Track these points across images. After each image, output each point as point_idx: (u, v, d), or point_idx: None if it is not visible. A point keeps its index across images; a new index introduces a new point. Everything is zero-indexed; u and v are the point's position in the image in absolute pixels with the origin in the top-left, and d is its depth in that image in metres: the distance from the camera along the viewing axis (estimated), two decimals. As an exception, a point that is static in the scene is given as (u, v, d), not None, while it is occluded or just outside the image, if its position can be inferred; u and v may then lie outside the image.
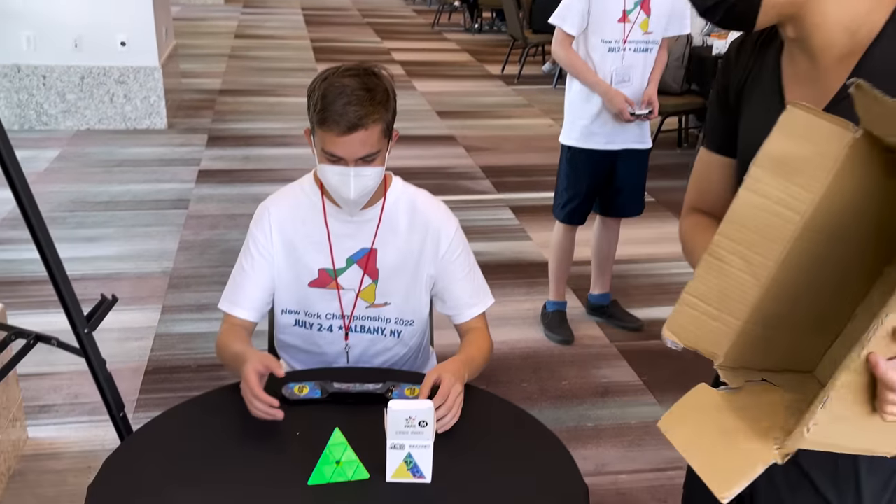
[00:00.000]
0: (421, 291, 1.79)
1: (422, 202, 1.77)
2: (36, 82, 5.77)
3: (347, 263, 1.74)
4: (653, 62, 3.15)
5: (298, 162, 5.49)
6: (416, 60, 9.11)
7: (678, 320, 1.09)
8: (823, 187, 0.98)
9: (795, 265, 1.03)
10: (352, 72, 1.58)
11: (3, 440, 2.41)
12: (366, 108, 1.55)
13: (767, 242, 1.02)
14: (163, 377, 3.01)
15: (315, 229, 1.73)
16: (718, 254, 1.05)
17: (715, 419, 1.03)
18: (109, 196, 4.73)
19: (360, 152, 1.58)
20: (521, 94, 7.78)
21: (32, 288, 3.58)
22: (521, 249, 4.28)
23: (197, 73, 7.92)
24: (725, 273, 1.05)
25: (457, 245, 1.77)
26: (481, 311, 1.81)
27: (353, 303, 1.76)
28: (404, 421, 1.32)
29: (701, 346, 1.09)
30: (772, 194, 1.01)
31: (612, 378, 3.15)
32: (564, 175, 3.31)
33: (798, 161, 0.99)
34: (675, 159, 5.93)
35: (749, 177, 1.02)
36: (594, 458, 2.67)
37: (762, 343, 1.09)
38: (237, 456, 1.38)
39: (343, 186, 1.62)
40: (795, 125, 0.99)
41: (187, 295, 3.62)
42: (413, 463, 1.35)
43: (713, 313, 1.07)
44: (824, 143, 0.98)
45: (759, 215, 1.02)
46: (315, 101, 1.58)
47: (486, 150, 5.96)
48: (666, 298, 3.81)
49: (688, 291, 1.07)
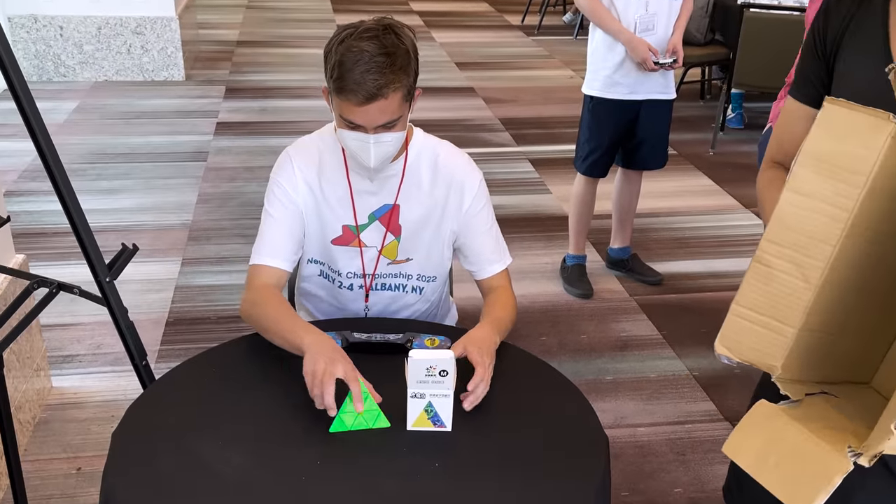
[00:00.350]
0: (443, 246, 1.76)
1: (445, 155, 1.73)
2: (53, 33, 5.74)
3: (370, 219, 1.71)
4: (678, 10, 3.08)
5: (316, 114, 5.46)
6: (435, 10, 8.98)
7: (730, 333, 1.05)
8: (869, 181, 0.95)
9: (846, 265, 0.99)
10: (370, 32, 1.49)
11: (28, 389, 2.44)
12: (385, 76, 1.47)
13: (816, 243, 0.98)
14: (183, 328, 3.04)
15: (338, 184, 1.69)
16: (766, 259, 1.02)
17: (781, 435, 0.99)
18: (128, 148, 4.73)
19: (380, 120, 1.53)
20: (541, 45, 7.67)
21: (53, 239, 3.60)
22: (540, 203, 4.25)
23: (214, 24, 7.86)
24: (775, 279, 1.01)
25: (480, 198, 1.73)
26: (503, 267, 1.77)
27: (375, 261, 1.73)
28: (425, 370, 1.32)
29: (756, 358, 1.05)
30: (816, 193, 0.98)
31: (632, 332, 3.14)
32: (586, 126, 3.27)
33: (840, 157, 0.96)
34: (698, 111, 5.85)
35: (792, 177, 0.99)
36: (613, 411, 2.67)
37: (818, 352, 1.06)
38: (258, 405, 1.39)
39: (362, 153, 1.57)
40: (834, 121, 0.97)
41: (207, 247, 3.63)
42: (434, 412, 1.35)
43: (766, 322, 1.03)
44: (865, 136, 0.95)
45: (805, 216, 0.99)
46: (332, 65, 1.50)
47: (506, 101, 5.89)
48: (686, 252, 3.78)
49: (738, 302, 1.04)
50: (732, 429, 1.04)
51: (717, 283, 3.50)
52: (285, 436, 1.32)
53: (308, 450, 1.29)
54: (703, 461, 2.46)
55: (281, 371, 1.48)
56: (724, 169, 4.80)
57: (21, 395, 2.38)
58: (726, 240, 3.93)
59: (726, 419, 2.63)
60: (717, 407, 2.71)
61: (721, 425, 2.61)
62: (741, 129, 5.53)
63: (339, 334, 1.54)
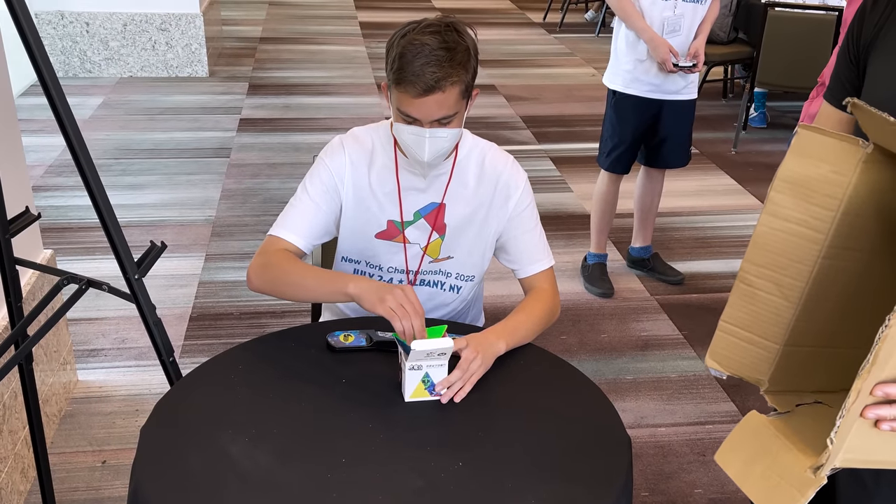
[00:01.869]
0: (485, 246, 1.76)
1: (491, 156, 1.74)
2: (79, 29, 5.80)
3: (415, 217, 1.72)
4: (703, 14, 3.08)
5: (339, 111, 5.49)
6: (457, 7, 8.98)
7: (718, 349, 1.11)
8: (843, 204, 1.00)
9: (827, 282, 1.04)
10: (432, 28, 1.51)
11: (54, 383, 2.48)
12: (444, 69, 1.49)
13: (794, 264, 1.04)
14: (207, 324, 3.07)
15: (387, 179, 1.70)
16: (747, 279, 1.07)
17: (766, 446, 1.02)
18: (153, 144, 4.78)
19: (437, 114, 1.54)
20: (563, 43, 7.65)
21: (79, 234, 3.65)
22: (561, 201, 4.25)
23: (237, 21, 7.91)
24: (757, 298, 1.07)
25: (525, 198, 1.74)
26: (545, 267, 1.77)
27: (418, 258, 1.74)
28: (425, 355, 1.38)
29: (744, 372, 1.11)
30: (792, 216, 1.03)
31: (652, 331, 3.14)
32: (609, 122, 3.28)
33: (814, 181, 1.01)
34: (720, 110, 5.82)
35: (768, 201, 1.04)
36: (633, 411, 2.67)
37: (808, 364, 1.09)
38: (285, 401, 1.41)
39: (417, 147, 1.59)
40: (807, 146, 1.02)
41: (230, 243, 3.66)
42: (430, 382, 1.41)
43: (750, 338, 1.09)
44: (837, 161, 1.00)
45: (782, 238, 1.04)
46: (392, 58, 1.52)
47: (527, 99, 5.89)
48: (707, 252, 3.77)
49: (724, 319, 1.10)
50: (754, 430, 1.07)
51: (738, 284, 3.49)
52: (311, 432, 1.34)
53: (334, 446, 1.30)
54: (723, 462, 2.46)
55: (306, 368, 1.50)
56: (747, 168, 4.78)
57: (48, 389, 2.42)
58: (748, 240, 3.88)
59: (747, 420, 2.63)
60: (737, 408, 2.70)
61: (742, 426, 2.61)
62: (764, 129, 5.50)
63: (363, 333, 1.56)
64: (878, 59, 1.21)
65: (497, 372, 1.51)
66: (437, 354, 1.39)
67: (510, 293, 3.23)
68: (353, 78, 6.20)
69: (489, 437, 1.36)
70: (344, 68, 6.41)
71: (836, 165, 1.00)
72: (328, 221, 1.72)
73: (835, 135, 1.00)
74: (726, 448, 1.06)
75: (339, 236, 1.76)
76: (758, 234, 1.05)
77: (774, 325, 1.06)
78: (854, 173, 0.99)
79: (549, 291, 1.75)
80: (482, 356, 1.48)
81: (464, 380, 1.44)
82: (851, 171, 0.99)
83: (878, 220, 1.02)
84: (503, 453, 1.32)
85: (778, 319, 1.06)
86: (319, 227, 1.71)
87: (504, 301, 3.21)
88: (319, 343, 1.56)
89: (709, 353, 1.12)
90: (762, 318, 1.07)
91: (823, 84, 2.19)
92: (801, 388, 1.11)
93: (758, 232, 1.05)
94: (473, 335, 1.53)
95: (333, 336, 1.56)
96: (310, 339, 1.59)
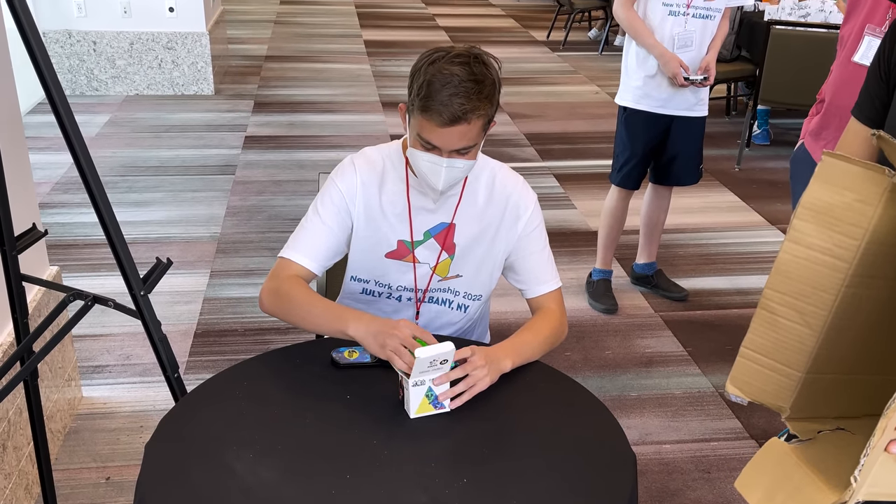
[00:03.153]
0: (493, 266, 1.77)
1: (502, 176, 1.75)
2: (87, 48, 5.85)
3: (425, 237, 1.72)
4: (714, 30, 3.11)
5: (344, 128, 5.51)
6: (461, 26, 9.03)
7: (740, 374, 1.10)
8: (867, 233, 0.99)
9: (850, 310, 1.03)
10: (461, 59, 1.52)
11: (59, 399, 2.49)
12: (472, 102, 1.50)
13: (817, 292, 1.03)
14: (211, 340, 3.07)
15: (397, 199, 1.71)
16: (770, 306, 1.06)
17: (788, 474, 1.01)
18: (159, 161, 4.81)
19: (458, 144, 1.55)
20: (566, 61, 7.69)
21: (84, 251, 3.66)
22: (565, 218, 4.26)
23: (243, 39, 7.96)
24: (779, 325, 1.06)
25: (534, 219, 1.74)
26: (553, 287, 1.77)
27: (427, 277, 1.75)
28: (428, 363, 1.38)
29: (765, 399, 1.09)
30: (816, 245, 1.02)
31: (656, 348, 3.13)
32: (620, 138, 3.30)
33: (839, 209, 1.00)
34: (724, 127, 5.83)
35: (792, 229, 1.03)
36: (638, 428, 2.67)
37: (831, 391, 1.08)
38: (290, 418, 1.41)
39: (433, 175, 1.59)
40: (832, 174, 1.00)
41: (235, 260, 3.67)
42: (434, 396, 1.42)
43: (773, 365, 1.07)
44: (863, 190, 0.99)
45: (806, 266, 1.03)
46: (420, 85, 1.52)
47: (531, 117, 5.91)
48: (711, 269, 3.77)
49: (745, 345, 1.08)
50: (758, 447, 1.07)
51: (742, 300, 3.49)
52: (315, 449, 1.34)
53: (338, 463, 1.31)
54: (728, 479, 2.45)
55: (311, 385, 1.50)
56: (750, 185, 4.78)
57: (52, 405, 2.42)
58: (752, 256, 3.91)
59: (752, 437, 2.62)
60: (742, 425, 2.69)
61: (747, 443, 2.60)
62: (767, 146, 5.50)
63: (366, 351, 1.56)
64: None
65: (502, 388, 1.51)
66: (440, 363, 1.40)
67: (514, 309, 3.23)
68: (357, 96, 6.23)
69: (494, 453, 1.36)
70: (349, 86, 6.45)
71: (860, 194, 0.99)
72: (339, 242, 1.72)
73: (860, 163, 0.99)
74: (747, 475, 1.06)
75: (348, 255, 1.77)
76: (781, 261, 1.04)
77: (797, 353, 1.06)
78: (879, 203, 0.98)
79: (556, 312, 1.75)
80: (489, 368, 1.49)
81: (466, 383, 1.45)
82: (877, 201, 0.98)
83: None
84: (508, 469, 1.32)
85: (801, 347, 1.05)
86: (331, 249, 1.72)
87: (508, 318, 3.21)
88: (324, 359, 1.57)
89: (730, 378, 1.11)
90: (785, 345, 1.06)
91: (822, 101, 2.20)
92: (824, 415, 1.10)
93: (781, 259, 1.04)
94: (482, 347, 1.53)
95: (338, 352, 1.56)
96: (314, 355, 1.60)
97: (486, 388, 1.48)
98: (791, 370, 1.06)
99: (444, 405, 1.43)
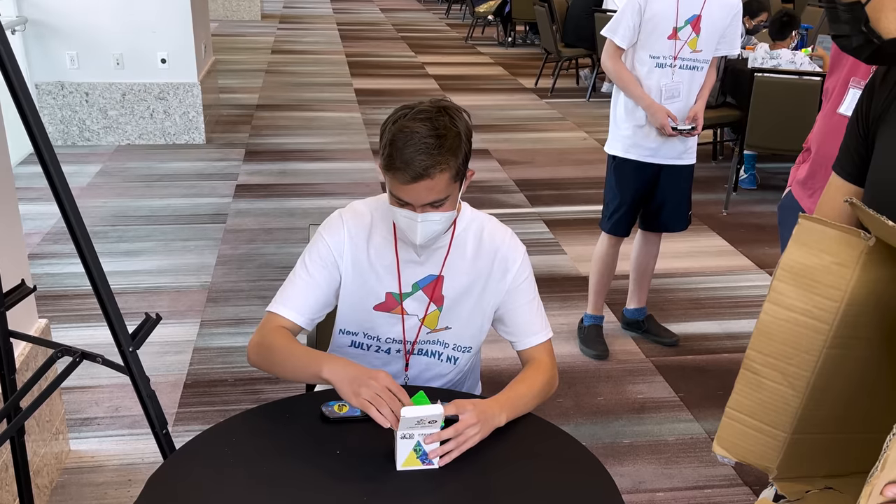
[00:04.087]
0: (483, 318, 1.77)
1: (490, 229, 1.76)
2: (79, 99, 5.89)
3: (413, 289, 1.73)
4: (701, 80, 3.16)
5: (335, 176, 5.55)
6: (450, 74, 9.15)
7: (726, 435, 1.10)
8: (846, 295, 1.00)
9: (833, 370, 1.03)
10: (423, 115, 1.54)
11: (46, 453, 2.46)
12: (433, 157, 1.51)
13: (800, 353, 1.04)
14: (201, 391, 3.05)
15: (386, 252, 1.72)
16: (753, 367, 1.07)
17: None
18: (149, 210, 4.82)
19: (427, 199, 1.56)
20: (554, 108, 7.78)
21: (74, 302, 3.65)
22: (555, 263, 4.28)
23: (234, 89, 8.04)
24: (763, 386, 1.07)
25: (523, 272, 1.75)
26: (544, 339, 1.78)
27: (416, 329, 1.75)
28: (415, 422, 1.39)
29: (752, 459, 1.09)
30: (796, 306, 1.03)
31: (648, 394, 3.13)
32: (610, 186, 3.33)
33: (817, 272, 1.02)
34: (710, 172, 5.89)
35: (772, 290, 1.05)
36: (631, 476, 2.65)
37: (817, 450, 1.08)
38: (278, 475, 1.40)
39: (409, 231, 1.61)
40: (810, 237, 1.02)
41: (225, 309, 3.67)
42: (422, 451, 1.41)
43: (758, 426, 1.08)
44: (840, 252, 1.00)
45: (787, 328, 1.04)
46: (384, 144, 1.55)
47: (520, 163, 5.96)
48: (701, 313, 3.78)
49: (730, 406, 1.09)
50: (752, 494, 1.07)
51: (733, 345, 3.49)
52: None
53: (326, 520, 1.29)
54: (722, 528, 2.43)
55: (301, 441, 1.49)
56: (738, 229, 4.82)
57: (39, 460, 2.40)
58: (741, 300, 3.93)
59: (746, 484, 2.61)
60: (736, 472, 2.68)
61: (741, 490, 2.58)
62: (754, 190, 5.56)
63: (355, 403, 1.56)
64: (887, 132, 1.22)
65: (492, 441, 1.50)
66: (429, 422, 1.39)
67: (504, 356, 3.23)
68: (348, 144, 6.28)
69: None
70: (339, 134, 6.50)
71: (838, 257, 1.00)
72: (327, 296, 1.73)
73: (836, 226, 1.01)
74: None
75: (337, 308, 1.77)
76: (762, 323, 1.05)
77: (782, 414, 1.06)
78: (857, 265, 0.99)
79: (548, 363, 1.75)
80: (481, 425, 1.48)
81: (457, 442, 1.45)
82: (854, 263, 0.99)
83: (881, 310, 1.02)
84: (498, 524, 1.31)
85: (785, 408, 1.06)
86: (319, 303, 1.72)
87: (499, 364, 3.20)
88: (314, 413, 1.56)
89: (716, 439, 1.11)
90: (769, 406, 1.06)
91: (809, 150, 2.23)
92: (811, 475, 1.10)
93: (762, 320, 1.05)
94: (478, 402, 1.53)
95: (328, 406, 1.56)
96: (304, 409, 1.59)
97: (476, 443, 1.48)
98: (777, 431, 1.06)
99: (433, 462, 1.42)
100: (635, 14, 3.05)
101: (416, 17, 14.62)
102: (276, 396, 2.98)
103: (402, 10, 15.57)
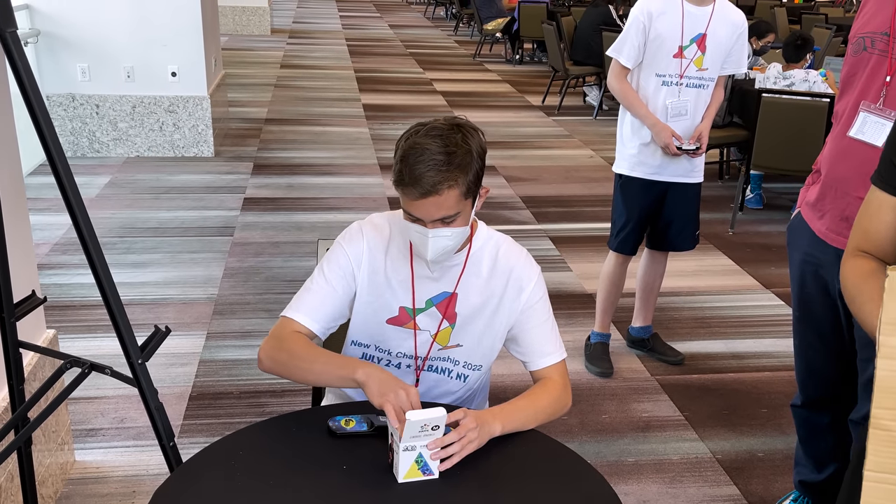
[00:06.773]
0: (495, 337, 1.78)
1: (505, 249, 1.77)
2: (89, 111, 5.94)
3: (427, 305, 1.74)
4: (707, 98, 3.17)
5: (342, 191, 5.57)
6: (458, 91, 9.19)
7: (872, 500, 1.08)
8: None
9: None
10: (436, 131, 1.56)
11: (52, 464, 2.46)
12: (441, 174, 1.53)
13: None
14: (207, 403, 3.06)
15: (401, 267, 1.73)
16: (884, 425, 1.06)
17: None
18: (158, 222, 4.84)
19: (436, 215, 1.58)
20: (561, 125, 7.81)
21: (82, 312, 3.67)
22: (561, 281, 4.28)
23: (244, 103, 8.08)
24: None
25: (537, 292, 1.76)
26: (557, 360, 1.78)
27: (427, 345, 1.76)
28: (419, 428, 1.39)
29: None
30: None
31: (653, 412, 3.12)
32: (617, 204, 3.34)
33: None
34: (717, 192, 5.90)
35: (882, 346, 1.05)
36: (635, 494, 2.64)
37: None
38: (285, 490, 1.40)
39: (421, 246, 1.63)
40: None
41: (232, 322, 3.68)
42: (424, 462, 1.42)
43: None
44: None
45: None
46: (396, 160, 1.58)
47: (527, 180, 5.98)
48: (707, 332, 3.78)
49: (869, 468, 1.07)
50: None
51: (738, 364, 3.49)
52: (309, 519, 1.33)
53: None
54: (727, 548, 2.42)
55: (307, 454, 1.50)
56: (744, 249, 4.82)
57: (45, 470, 2.40)
58: (747, 320, 3.92)
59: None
60: (740, 491, 2.67)
61: (745, 511, 2.58)
62: (760, 209, 5.57)
63: (364, 417, 1.57)
64: None
65: (496, 456, 1.51)
66: (431, 429, 1.41)
67: (511, 372, 3.23)
68: (356, 158, 6.31)
69: (489, 524, 1.35)
70: (347, 149, 6.53)
71: None
72: (343, 305, 1.74)
73: None
74: None
75: (350, 320, 1.78)
76: (881, 379, 1.05)
77: None
78: None
79: (559, 383, 1.76)
80: (479, 430, 1.51)
81: (461, 444, 1.46)
82: None
83: None
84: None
85: None
86: (335, 311, 1.73)
87: (505, 380, 3.21)
88: (320, 428, 1.57)
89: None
90: None
91: (818, 171, 2.24)
92: None
93: (880, 377, 1.05)
94: (472, 410, 1.55)
95: (335, 421, 1.56)
96: (311, 423, 1.60)
97: (475, 451, 1.49)
98: None
99: (433, 472, 1.44)
100: (640, 33, 3.07)
101: (425, 34, 14.69)
102: (281, 410, 2.99)
103: (411, 27, 15.66)
